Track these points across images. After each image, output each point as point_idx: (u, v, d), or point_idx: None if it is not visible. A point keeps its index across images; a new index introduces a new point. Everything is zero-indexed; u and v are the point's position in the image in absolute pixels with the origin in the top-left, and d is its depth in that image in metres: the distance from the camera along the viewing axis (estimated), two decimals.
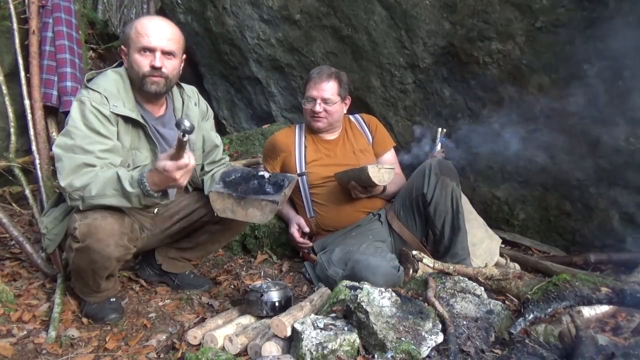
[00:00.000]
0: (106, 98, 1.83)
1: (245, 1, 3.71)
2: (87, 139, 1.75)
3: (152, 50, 1.87)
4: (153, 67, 1.87)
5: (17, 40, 3.02)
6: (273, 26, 3.67)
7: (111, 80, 1.89)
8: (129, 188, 1.67)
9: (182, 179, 1.64)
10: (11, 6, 3.02)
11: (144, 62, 1.87)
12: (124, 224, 1.74)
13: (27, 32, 3.04)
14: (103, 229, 1.71)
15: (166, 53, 1.90)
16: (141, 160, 1.93)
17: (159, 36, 1.87)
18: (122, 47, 1.95)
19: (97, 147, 1.75)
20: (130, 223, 1.83)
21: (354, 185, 2.33)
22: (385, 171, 2.23)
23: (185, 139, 1.51)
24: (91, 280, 1.89)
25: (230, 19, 3.86)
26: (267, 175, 1.94)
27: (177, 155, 1.59)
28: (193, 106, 2.12)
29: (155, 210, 2.09)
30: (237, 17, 3.81)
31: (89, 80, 1.90)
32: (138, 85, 1.92)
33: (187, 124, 1.45)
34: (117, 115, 1.84)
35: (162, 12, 4.86)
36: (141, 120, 1.90)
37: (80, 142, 1.74)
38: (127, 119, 1.87)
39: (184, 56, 2.02)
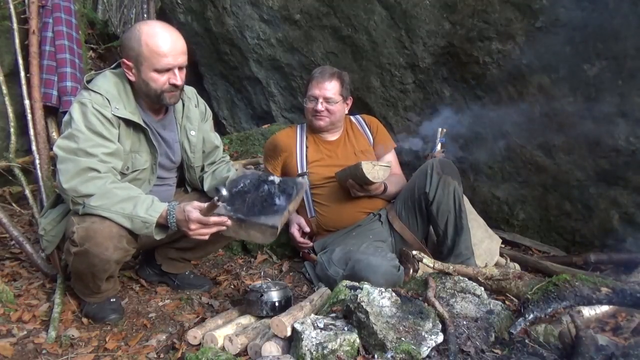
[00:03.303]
0: (108, 100, 1.80)
1: (245, 1, 3.71)
2: (89, 141, 1.73)
3: (170, 69, 1.82)
4: (174, 85, 1.84)
5: (17, 40, 3.02)
6: (273, 26, 3.67)
7: (112, 83, 1.86)
8: (142, 213, 1.70)
9: (194, 232, 1.73)
10: (11, 6, 3.03)
11: (162, 80, 1.83)
12: (122, 227, 1.74)
13: (27, 32, 3.05)
14: (101, 233, 1.70)
15: (180, 67, 1.87)
16: (140, 163, 1.93)
17: (175, 54, 1.82)
18: (127, 61, 1.84)
19: (100, 150, 1.74)
20: None
21: (351, 184, 2.33)
22: (380, 168, 2.22)
23: (218, 203, 1.63)
24: (91, 282, 1.89)
25: (230, 19, 3.86)
26: (277, 180, 1.92)
27: (206, 212, 1.70)
28: (193, 108, 2.12)
29: None
30: (237, 17, 3.81)
31: (88, 81, 1.87)
32: (154, 99, 1.88)
33: (224, 193, 1.59)
34: (119, 118, 1.82)
35: (162, 12, 4.86)
36: (142, 124, 1.89)
37: (84, 145, 1.72)
38: (128, 122, 1.86)
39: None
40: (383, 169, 2.24)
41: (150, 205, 1.73)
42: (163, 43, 1.79)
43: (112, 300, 2.03)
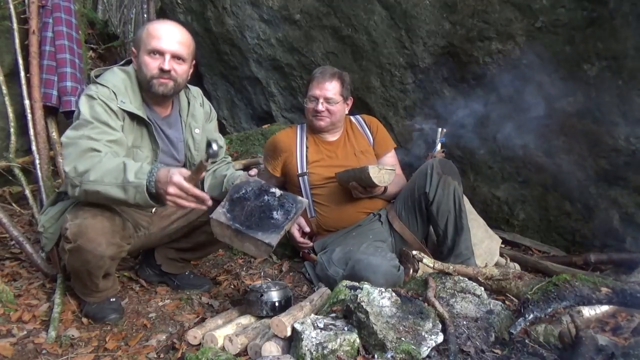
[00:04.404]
0: (114, 93, 1.83)
1: (245, 1, 3.72)
2: (95, 129, 1.75)
3: (162, 53, 1.87)
4: (162, 70, 1.86)
5: (17, 40, 3.02)
6: (273, 26, 3.67)
7: (119, 78, 1.90)
8: (131, 178, 1.62)
9: (171, 197, 1.59)
10: (11, 6, 3.02)
11: (153, 65, 1.87)
12: (115, 222, 1.74)
13: (27, 32, 3.04)
14: (93, 228, 1.70)
15: (176, 57, 1.89)
16: (141, 159, 1.93)
17: (169, 39, 1.87)
18: (133, 49, 1.95)
19: (104, 136, 1.75)
20: (122, 221, 1.82)
21: (354, 186, 2.33)
22: (385, 172, 2.24)
23: (207, 162, 1.55)
24: (88, 280, 1.89)
25: (230, 19, 3.86)
26: (278, 193, 1.93)
27: (191, 177, 1.59)
28: (198, 106, 2.14)
29: (153, 210, 2.09)
30: (237, 17, 3.82)
31: (97, 76, 1.91)
32: (146, 87, 1.91)
33: (215, 147, 1.48)
34: (124, 111, 1.84)
35: (162, 12, 4.86)
36: (147, 119, 1.90)
37: (88, 133, 1.74)
38: (133, 117, 1.88)
39: (194, 62, 2.02)
40: (388, 173, 2.25)
41: (139, 169, 1.65)
42: (162, 29, 1.89)
43: (112, 300, 2.03)
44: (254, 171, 2.00)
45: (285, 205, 1.91)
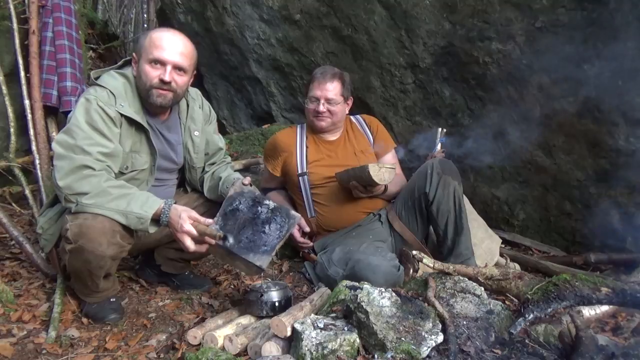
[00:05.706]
0: (114, 96, 1.82)
1: (245, 1, 3.72)
2: (87, 139, 1.74)
3: (163, 63, 1.85)
4: (162, 81, 1.85)
5: (17, 40, 3.01)
6: (273, 26, 3.67)
7: (119, 81, 1.89)
8: (136, 209, 1.71)
9: (177, 239, 1.77)
10: (11, 6, 3.02)
11: (153, 74, 1.85)
12: (115, 222, 1.73)
13: (27, 32, 3.04)
14: (94, 228, 1.70)
15: (177, 68, 1.88)
16: (140, 163, 1.93)
17: (172, 50, 1.86)
18: (134, 54, 1.93)
19: (96, 149, 1.74)
20: None
21: (354, 185, 2.33)
22: (385, 170, 2.23)
23: (216, 237, 1.73)
24: (89, 280, 1.89)
25: (230, 19, 3.86)
26: (271, 205, 1.94)
27: (200, 232, 1.74)
28: (197, 108, 2.13)
29: None
30: (237, 17, 3.82)
31: (96, 78, 1.89)
32: (145, 95, 1.90)
33: (231, 241, 1.73)
34: (122, 115, 1.83)
35: (162, 12, 4.86)
36: (145, 125, 1.89)
37: (81, 143, 1.73)
38: (131, 121, 1.87)
39: (195, 72, 2.01)
40: (389, 171, 2.24)
41: (146, 202, 1.74)
42: (165, 39, 1.87)
43: (112, 300, 2.02)
44: (247, 179, 2.00)
45: (278, 219, 1.92)
